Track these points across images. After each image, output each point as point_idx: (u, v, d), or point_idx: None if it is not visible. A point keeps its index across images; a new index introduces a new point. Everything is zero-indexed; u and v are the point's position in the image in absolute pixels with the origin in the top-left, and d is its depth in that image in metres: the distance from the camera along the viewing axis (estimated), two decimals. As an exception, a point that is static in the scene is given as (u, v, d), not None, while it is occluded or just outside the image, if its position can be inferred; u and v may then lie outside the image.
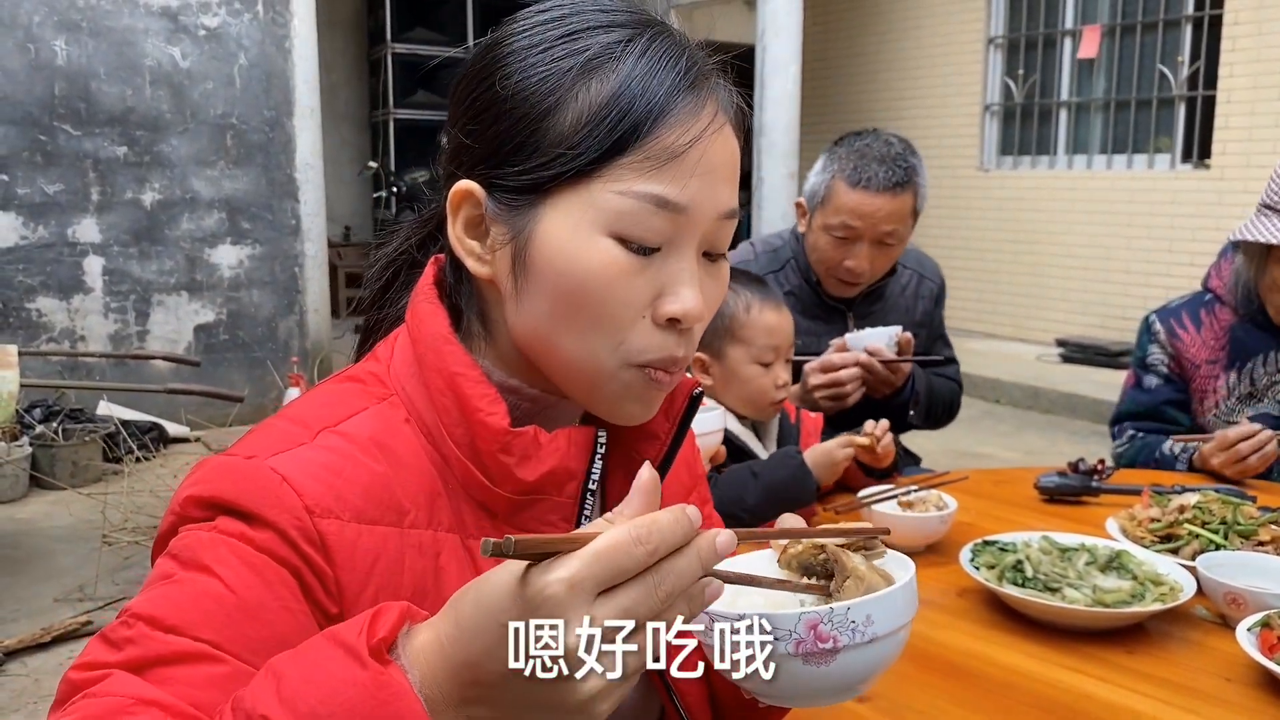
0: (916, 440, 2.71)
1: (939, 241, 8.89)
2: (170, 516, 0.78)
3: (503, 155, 0.79)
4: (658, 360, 0.80)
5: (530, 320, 0.80)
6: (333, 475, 0.76)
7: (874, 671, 0.74)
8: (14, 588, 3.52)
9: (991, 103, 8.61)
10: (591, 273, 0.76)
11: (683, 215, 0.77)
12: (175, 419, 5.33)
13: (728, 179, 0.81)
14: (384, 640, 0.60)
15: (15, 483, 4.43)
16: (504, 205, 0.79)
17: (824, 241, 2.26)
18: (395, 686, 0.58)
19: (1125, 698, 1.24)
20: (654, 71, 0.77)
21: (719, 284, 0.84)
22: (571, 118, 0.76)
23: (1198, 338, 2.33)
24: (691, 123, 0.77)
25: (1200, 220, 7.02)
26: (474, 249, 0.82)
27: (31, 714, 2.72)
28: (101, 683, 0.66)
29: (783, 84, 6.67)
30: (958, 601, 1.53)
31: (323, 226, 5.96)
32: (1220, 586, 1.42)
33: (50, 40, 5.13)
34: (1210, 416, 2.32)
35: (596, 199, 0.76)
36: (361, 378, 0.86)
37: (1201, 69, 7.19)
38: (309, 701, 0.58)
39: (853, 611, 0.69)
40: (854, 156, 2.19)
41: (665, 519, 0.60)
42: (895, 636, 0.73)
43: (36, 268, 5.21)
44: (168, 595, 0.71)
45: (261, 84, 5.62)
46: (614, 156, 0.75)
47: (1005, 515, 1.89)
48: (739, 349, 1.87)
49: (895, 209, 2.18)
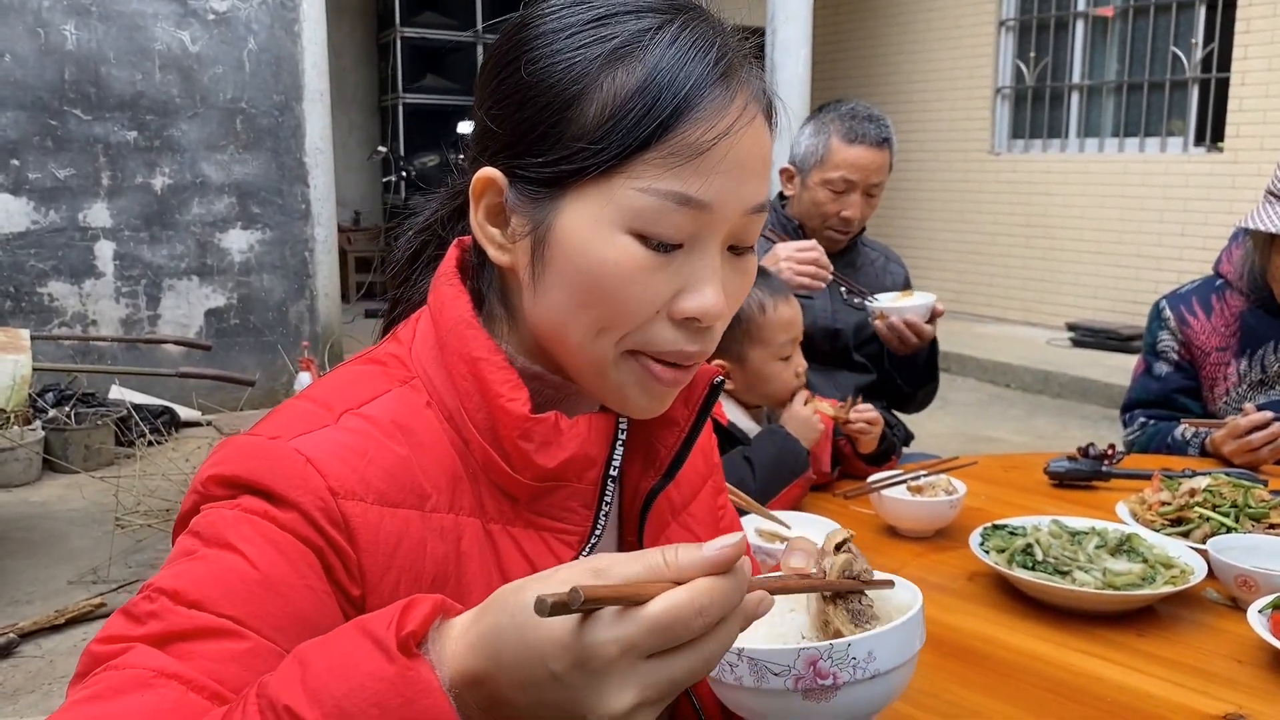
0: (925, 426, 2.71)
1: (950, 225, 8.87)
2: (192, 495, 0.77)
3: (525, 145, 0.77)
4: (662, 352, 0.78)
5: (546, 312, 0.79)
6: (356, 457, 0.76)
7: (879, 705, 0.72)
8: (28, 570, 3.55)
9: (1003, 86, 8.57)
10: (609, 270, 0.75)
11: (706, 212, 0.75)
12: (187, 403, 5.35)
13: (756, 173, 0.78)
14: (413, 634, 0.59)
15: (29, 466, 4.45)
16: (525, 196, 0.78)
17: (822, 195, 2.49)
18: (423, 683, 0.57)
19: (1136, 680, 1.24)
20: (683, 62, 0.74)
21: (744, 278, 0.82)
22: (595, 110, 0.74)
23: (1208, 324, 2.32)
24: (720, 118, 0.74)
25: (1213, 204, 6.98)
26: (495, 237, 0.81)
27: (46, 695, 2.75)
28: (123, 655, 0.66)
29: (793, 68, 6.64)
30: (968, 585, 1.53)
31: (332, 211, 5.96)
32: (1231, 569, 1.42)
33: (60, 25, 5.13)
34: (1221, 404, 2.31)
35: (617, 195, 0.74)
36: (383, 360, 0.86)
37: (1215, 51, 7.14)
38: (334, 694, 0.57)
39: (854, 648, 0.68)
40: (846, 118, 2.46)
41: (728, 589, 0.58)
42: (899, 671, 0.71)
43: (48, 252, 5.23)
44: (191, 571, 0.70)
45: (271, 68, 5.62)
46: (638, 153, 0.73)
47: (1015, 500, 1.89)
48: (759, 350, 1.86)
49: (883, 161, 2.48)
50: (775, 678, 0.68)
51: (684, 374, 0.81)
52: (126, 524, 3.78)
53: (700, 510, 1.02)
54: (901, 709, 1.18)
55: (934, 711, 1.18)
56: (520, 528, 0.82)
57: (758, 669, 0.69)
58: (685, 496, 1.00)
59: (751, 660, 0.69)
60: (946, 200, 8.95)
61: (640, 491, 0.89)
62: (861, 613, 0.76)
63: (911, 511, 1.70)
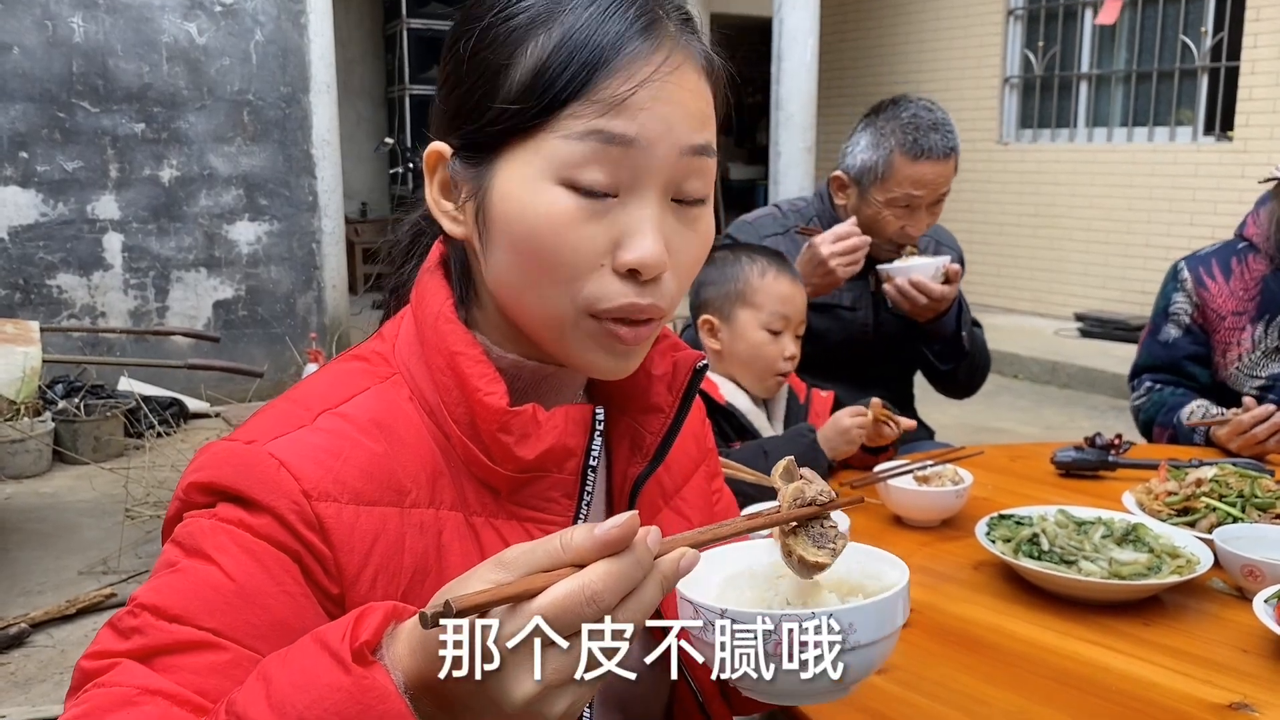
0: (932, 415, 2.71)
1: (957, 215, 8.83)
2: (175, 502, 0.79)
3: (463, 115, 0.80)
4: (615, 309, 0.78)
5: (496, 276, 0.81)
6: (330, 457, 0.77)
7: (857, 676, 0.72)
8: (40, 561, 3.57)
9: (1011, 75, 8.53)
10: (541, 221, 0.75)
11: (634, 149, 0.75)
12: (195, 395, 5.37)
13: (689, 116, 0.77)
14: (368, 644, 0.61)
15: (39, 458, 4.47)
16: (466, 164, 0.80)
17: (885, 215, 2.28)
18: (379, 690, 0.59)
19: (1142, 669, 1.25)
20: (600, 20, 0.75)
21: (695, 233, 0.81)
22: (520, 74, 0.76)
23: (1225, 287, 2.29)
24: (641, 68, 0.75)
25: (1222, 194, 6.95)
26: (448, 209, 0.83)
27: (58, 684, 2.77)
28: (110, 672, 0.69)
29: (800, 56, 6.61)
30: (974, 575, 1.53)
31: (340, 203, 5.97)
32: (1237, 559, 1.42)
33: (67, 17, 5.14)
34: (1233, 369, 2.28)
35: (545, 148, 0.75)
36: (367, 356, 0.87)
37: (1225, 40, 7.10)
38: (297, 707, 0.59)
39: (835, 619, 0.68)
40: (909, 130, 2.23)
41: (623, 569, 0.59)
42: (879, 645, 0.71)
43: (57, 245, 5.24)
44: (171, 584, 0.72)
45: (278, 60, 5.62)
46: (560, 107, 0.75)
47: (1021, 490, 1.89)
48: (748, 313, 1.87)
49: (950, 172, 2.28)
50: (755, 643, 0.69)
51: (645, 330, 0.80)
52: (136, 515, 3.80)
53: (693, 495, 1.03)
54: (907, 696, 1.18)
55: (940, 700, 1.18)
56: (503, 519, 0.83)
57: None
58: (677, 481, 1.01)
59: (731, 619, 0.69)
60: (954, 190, 8.79)
61: (629, 478, 0.90)
62: (824, 535, 0.75)
63: (918, 501, 1.70)
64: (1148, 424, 2.37)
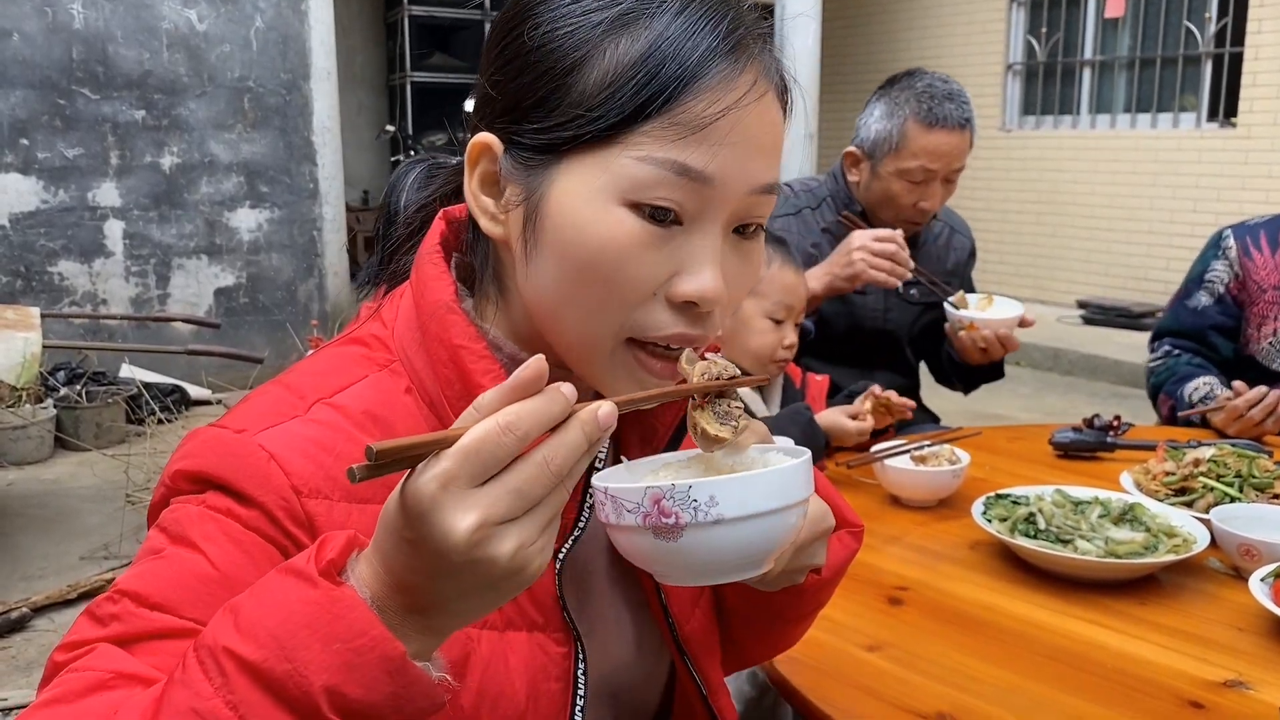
0: (935, 401, 2.70)
1: (960, 202, 8.79)
2: (161, 488, 0.77)
3: (523, 110, 0.75)
4: (664, 338, 0.75)
5: (537, 287, 0.77)
6: (323, 452, 0.75)
7: (732, 560, 0.72)
8: (41, 546, 3.58)
9: (1014, 61, 8.50)
10: (603, 244, 0.72)
11: (708, 187, 0.72)
12: (196, 381, 5.37)
13: (764, 151, 0.75)
14: (333, 563, 0.60)
15: (41, 444, 4.49)
16: (520, 163, 0.76)
17: (898, 187, 2.24)
18: (347, 600, 0.58)
19: (1137, 647, 1.25)
20: (690, 33, 0.71)
21: (749, 264, 0.79)
22: (597, 76, 0.71)
23: (1271, 260, 2.27)
24: (726, 92, 0.71)
25: (1226, 180, 6.93)
26: (488, 207, 0.79)
27: (59, 668, 2.78)
28: (84, 658, 0.66)
29: (802, 42, 6.59)
30: (970, 554, 1.53)
31: (340, 190, 5.96)
32: (1234, 538, 1.42)
33: (67, 4, 5.13)
34: (1266, 344, 2.27)
35: (614, 164, 0.71)
36: (365, 340, 0.85)
37: (1229, 25, 7.07)
38: (267, 626, 0.58)
39: (695, 490, 0.67)
40: (923, 99, 2.19)
41: (535, 405, 0.58)
42: (749, 524, 0.70)
43: (58, 231, 5.24)
44: (155, 571, 0.71)
45: (278, 47, 5.61)
46: (637, 122, 0.71)
47: (1019, 471, 1.89)
48: (754, 302, 1.87)
49: (965, 145, 2.22)
50: (629, 514, 0.69)
51: (673, 366, 0.78)
52: (137, 500, 3.80)
53: None
54: (902, 674, 1.18)
55: (936, 678, 1.18)
56: None
57: (617, 506, 0.70)
58: None
59: (613, 497, 0.70)
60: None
61: None
62: (729, 413, 0.75)
63: (914, 481, 1.70)
64: (1156, 388, 2.37)
